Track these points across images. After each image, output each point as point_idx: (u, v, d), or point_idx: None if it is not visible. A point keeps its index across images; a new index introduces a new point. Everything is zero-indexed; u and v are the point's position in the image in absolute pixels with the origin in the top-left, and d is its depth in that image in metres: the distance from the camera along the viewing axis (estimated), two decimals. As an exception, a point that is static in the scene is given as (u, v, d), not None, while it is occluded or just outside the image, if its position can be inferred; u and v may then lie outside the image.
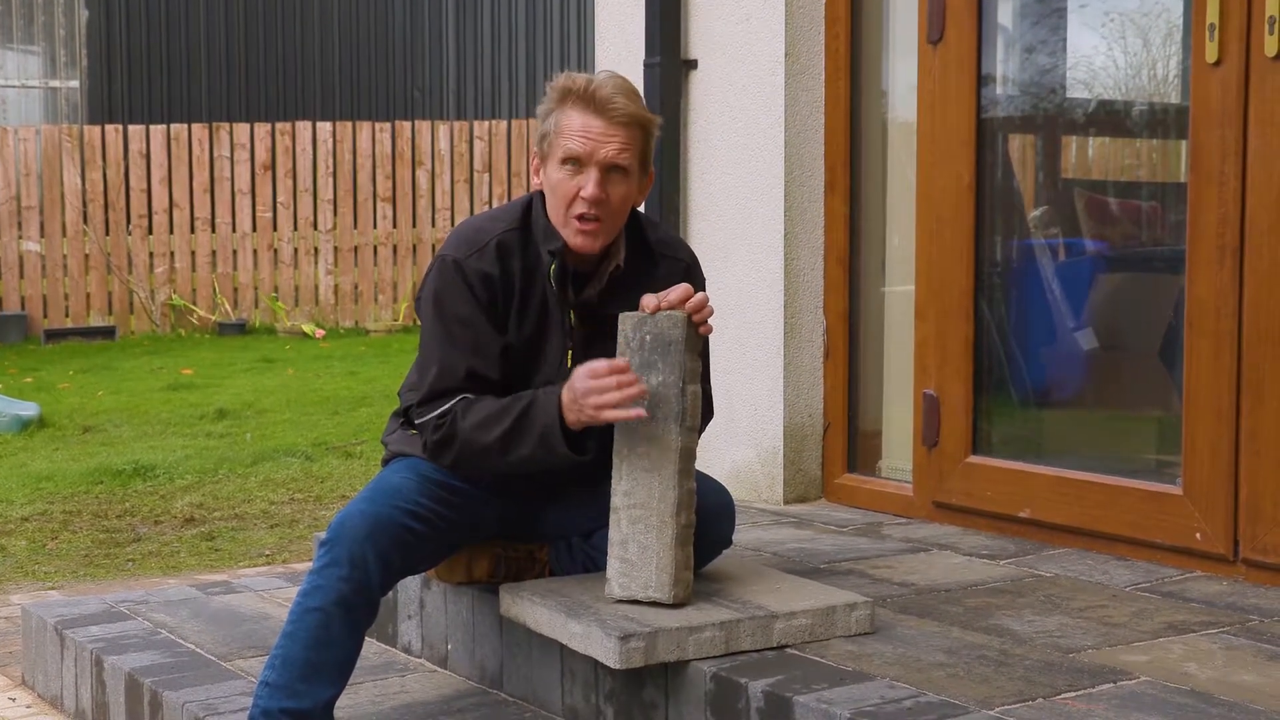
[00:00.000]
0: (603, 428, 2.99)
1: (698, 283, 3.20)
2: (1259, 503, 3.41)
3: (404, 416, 3.22)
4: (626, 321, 2.96)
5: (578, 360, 3.05)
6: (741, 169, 4.45)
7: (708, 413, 3.16)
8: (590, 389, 2.89)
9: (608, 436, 3.03)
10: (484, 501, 3.14)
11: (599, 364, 2.91)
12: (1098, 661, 2.85)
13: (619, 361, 2.91)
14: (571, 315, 3.08)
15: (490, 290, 3.04)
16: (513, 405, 2.97)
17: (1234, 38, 3.40)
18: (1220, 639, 3.00)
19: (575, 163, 2.99)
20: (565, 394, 2.93)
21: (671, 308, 2.92)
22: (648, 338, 2.93)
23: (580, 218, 3.01)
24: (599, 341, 3.06)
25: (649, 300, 2.92)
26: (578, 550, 3.26)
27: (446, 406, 3.01)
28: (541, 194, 3.12)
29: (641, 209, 3.26)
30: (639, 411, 2.88)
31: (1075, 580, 3.47)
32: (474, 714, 3.19)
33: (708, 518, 3.07)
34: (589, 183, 2.98)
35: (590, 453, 2.98)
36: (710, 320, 2.97)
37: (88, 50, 14.73)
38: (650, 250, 3.16)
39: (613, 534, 2.97)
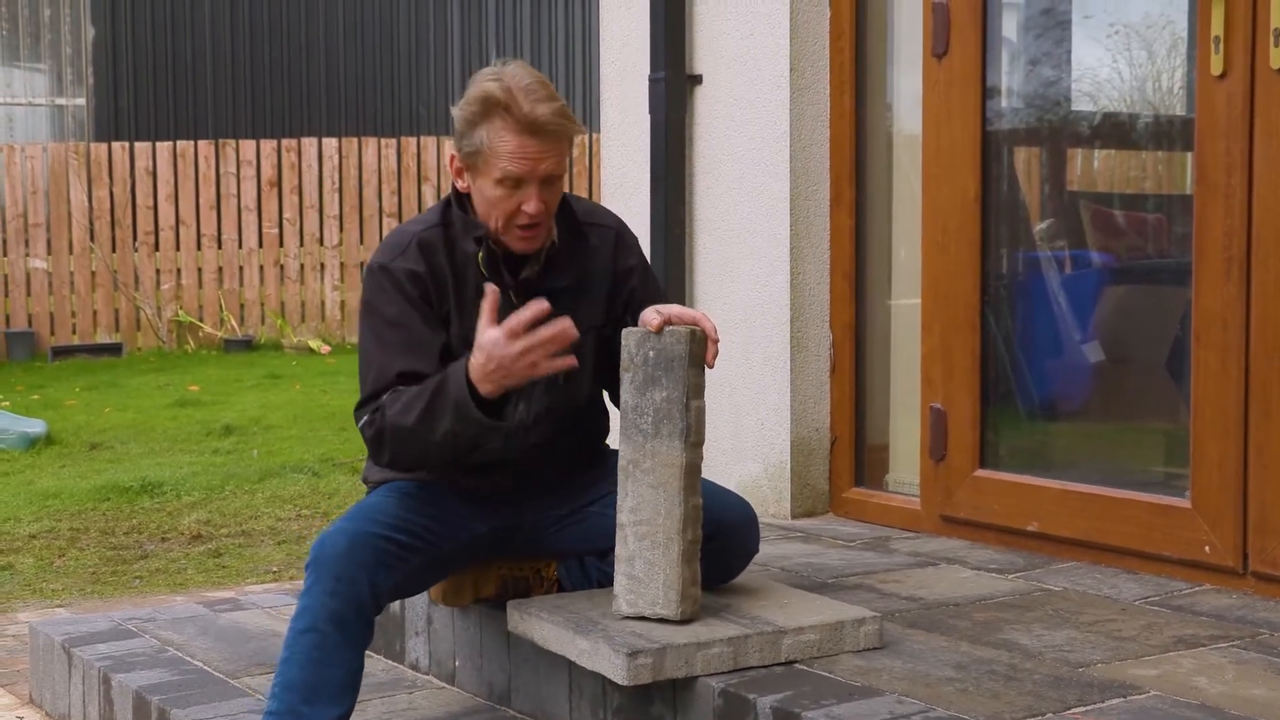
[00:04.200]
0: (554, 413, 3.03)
1: (630, 244, 3.23)
2: (1268, 515, 3.40)
3: None
4: (630, 338, 2.96)
5: None
6: (747, 183, 4.45)
7: None
8: (518, 352, 2.82)
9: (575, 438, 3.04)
10: (472, 515, 3.13)
11: (515, 323, 2.82)
12: (1107, 676, 2.84)
13: (526, 315, 2.83)
14: (513, 296, 3.07)
15: (421, 287, 3.04)
16: (428, 384, 2.95)
17: (1239, 50, 3.40)
18: (1230, 653, 2.99)
19: (514, 181, 2.98)
20: (477, 361, 2.86)
21: (673, 324, 2.92)
22: (651, 354, 2.92)
23: (521, 226, 3.02)
24: (547, 318, 3.07)
25: (652, 318, 2.91)
26: (591, 567, 3.26)
27: (377, 404, 3.00)
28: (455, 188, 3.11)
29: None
30: (569, 360, 2.86)
31: (1084, 594, 3.46)
32: (482, 731, 3.19)
33: (733, 530, 3.09)
34: (531, 199, 2.98)
35: (511, 418, 2.94)
36: (717, 333, 2.96)
37: (94, 68, 14.76)
38: (578, 222, 3.17)
39: (619, 550, 2.97)
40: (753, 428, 4.46)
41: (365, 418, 3.02)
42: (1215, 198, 3.45)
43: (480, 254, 3.04)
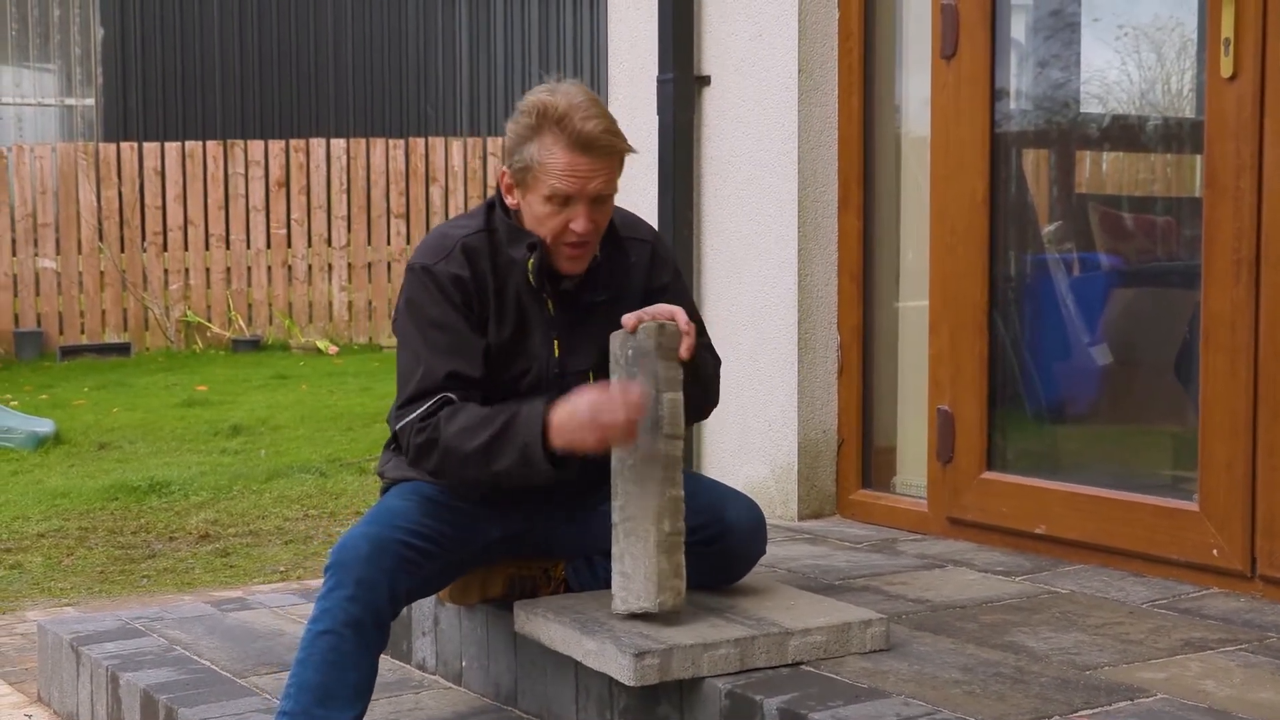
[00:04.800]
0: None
1: (664, 259, 3.24)
2: (1277, 519, 3.39)
3: (396, 444, 3.21)
4: (615, 340, 3.01)
5: (564, 349, 3.08)
6: (755, 185, 4.45)
7: (714, 360, 3.22)
8: (594, 410, 2.87)
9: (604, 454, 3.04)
10: (488, 520, 3.14)
11: (615, 394, 2.88)
12: (1114, 679, 2.84)
13: (634, 393, 2.89)
14: (550, 305, 3.08)
15: (464, 291, 3.05)
16: (496, 415, 2.97)
17: (1249, 52, 3.39)
18: (1238, 656, 2.98)
19: (562, 199, 2.98)
20: (561, 416, 2.90)
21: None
22: (630, 352, 2.97)
23: (570, 244, 3.02)
24: (581, 328, 3.10)
25: (629, 319, 2.95)
26: (599, 567, 3.26)
27: (428, 406, 3.00)
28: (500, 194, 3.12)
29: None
30: (632, 438, 2.91)
31: (1091, 597, 3.45)
32: (488, 731, 3.19)
33: (740, 531, 3.11)
34: (579, 218, 2.98)
35: (573, 471, 2.97)
36: (689, 325, 2.97)
37: (103, 68, 14.78)
38: (619, 235, 3.17)
39: (614, 549, 3.00)
40: (760, 429, 4.46)
41: (414, 423, 3.01)
42: (1224, 200, 3.45)
43: (531, 261, 3.03)
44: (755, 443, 4.48)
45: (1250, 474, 3.43)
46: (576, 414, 2.89)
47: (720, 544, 3.11)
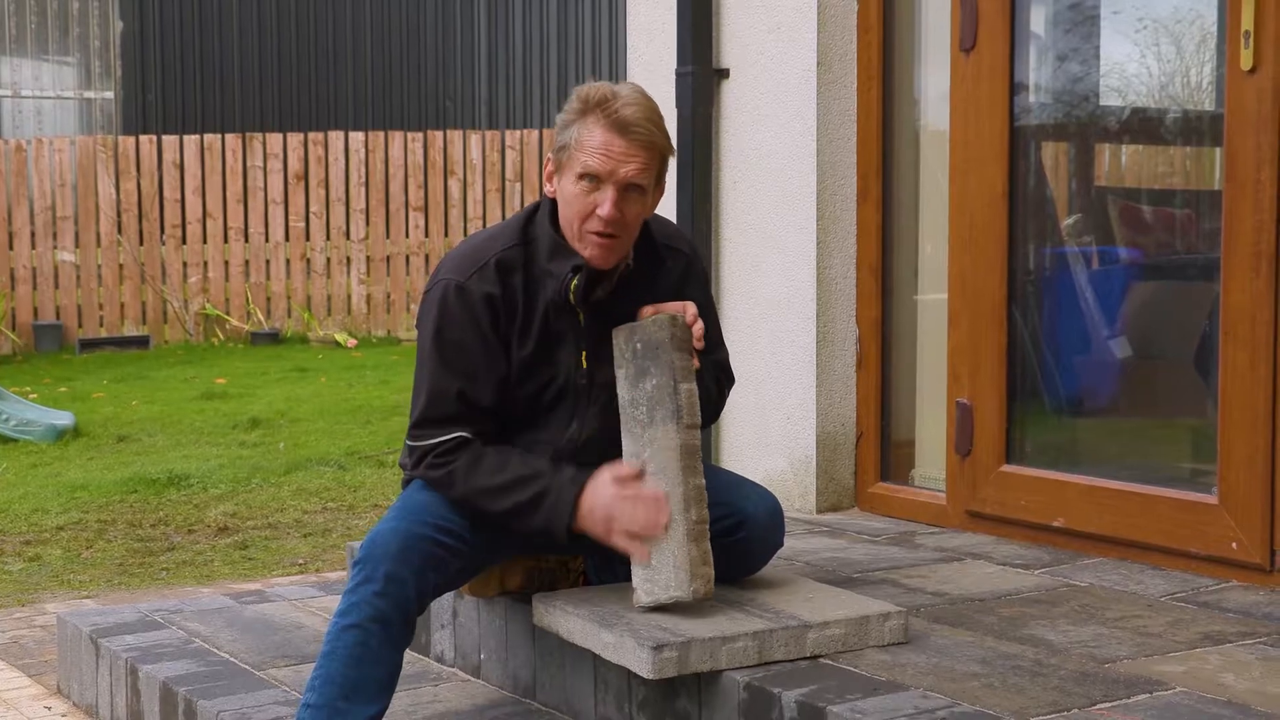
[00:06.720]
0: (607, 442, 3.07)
1: (698, 272, 3.25)
2: (1296, 512, 3.38)
3: None
4: (619, 335, 3.02)
5: (593, 360, 3.07)
6: (773, 178, 4.45)
7: (728, 380, 3.28)
8: (621, 514, 2.95)
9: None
10: None
11: (631, 493, 2.96)
12: (1133, 672, 2.83)
13: (658, 493, 2.94)
14: (581, 316, 3.08)
15: (493, 310, 3.04)
16: (526, 483, 3.00)
17: (1269, 44, 3.38)
18: (1257, 649, 2.98)
19: (593, 179, 2.97)
20: (584, 509, 2.97)
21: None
22: (639, 345, 2.98)
23: (595, 232, 3.01)
24: (610, 340, 3.09)
25: (646, 311, 3.00)
26: (618, 560, 3.26)
27: (445, 443, 3.03)
28: (542, 205, 3.12)
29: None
30: (643, 552, 2.97)
31: (1110, 590, 3.45)
32: (507, 723, 3.19)
33: (758, 523, 3.12)
34: (606, 201, 2.97)
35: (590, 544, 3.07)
36: (695, 319, 3.03)
37: (122, 61, 14.82)
38: (655, 245, 3.16)
39: None
40: (779, 422, 4.46)
41: (430, 457, 3.04)
42: (1245, 193, 3.44)
43: (575, 281, 3.03)
44: (774, 435, 4.48)
45: (1270, 467, 3.42)
46: (595, 515, 2.97)
47: (738, 536, 3.12)
